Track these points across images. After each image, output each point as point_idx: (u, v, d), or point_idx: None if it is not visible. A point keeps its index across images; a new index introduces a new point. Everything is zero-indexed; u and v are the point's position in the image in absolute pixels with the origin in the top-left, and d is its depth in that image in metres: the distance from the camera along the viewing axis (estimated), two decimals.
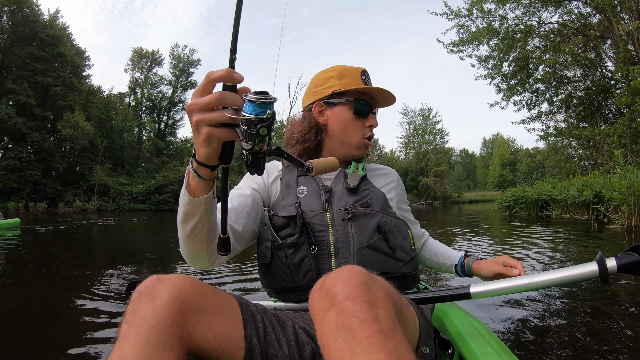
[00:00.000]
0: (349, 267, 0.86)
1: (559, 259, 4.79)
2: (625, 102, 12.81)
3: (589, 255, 4.93)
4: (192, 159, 0.96)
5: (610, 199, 7.67)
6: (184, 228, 1.11)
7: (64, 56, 40.43)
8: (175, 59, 54.47)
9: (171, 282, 0.91)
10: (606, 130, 13.91)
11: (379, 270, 1.26)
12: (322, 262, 1.30)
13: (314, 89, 1.57)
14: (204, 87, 0.84)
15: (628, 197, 6.96)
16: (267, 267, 1.37)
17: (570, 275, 1.07)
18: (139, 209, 37.51)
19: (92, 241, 9.04)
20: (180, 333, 0.86)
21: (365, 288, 0.80)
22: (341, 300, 0.77)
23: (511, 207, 14.95)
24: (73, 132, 37.95)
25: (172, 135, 55.83)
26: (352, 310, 0.75)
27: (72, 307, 3.09)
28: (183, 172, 32.46)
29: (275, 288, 1.38)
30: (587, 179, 10.65)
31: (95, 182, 38.60)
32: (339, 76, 1.51)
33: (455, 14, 17.02)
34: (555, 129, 18.93)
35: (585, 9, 17.29)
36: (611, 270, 1.03)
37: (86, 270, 4.79)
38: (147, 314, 0.84)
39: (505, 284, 1.14)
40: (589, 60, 18.15)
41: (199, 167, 0.96)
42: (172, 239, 8.27)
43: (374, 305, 0.77)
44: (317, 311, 0.82)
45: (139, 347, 0.79)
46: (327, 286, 0.82)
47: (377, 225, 1.34)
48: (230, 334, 0.97)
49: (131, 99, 53.28)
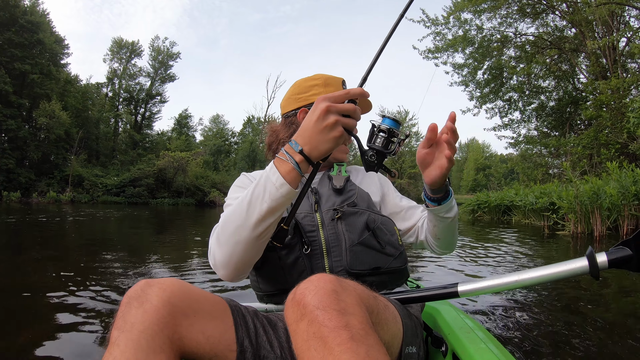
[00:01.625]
0: (317, 276, 0.87)
1: (489, 256, 5.14)
2: (591, 114, 13.21)
3: (519, 258, 5.22)
4: (291, 156, 1.05)
5: (560, 207, 7.99)
6: (258, 227, 1.08)
7: (43, 43, 39.39)
8: (155, 51, 53.65)
9: (161, 286, 0.92)
10: (572, 141, 14.31)
11: (371, 265, 1.33)
12: (315, 261, 1.32)
13: (297, 95, 1.60)
14: (342, 97, 1.04)
15: (575, 206, 7.27)
16: (259, 270, 1.37)
17: (560, 272, 1.04)
18: (113, 201, 36.89)
19: (67, 236, 8.82)
20: (172, 337, 0.88)
21: (335, 296, 0.81)
22: (311, 310, 0.79)
23: (475, 211, 15.44)
24: (49, 122, 37.13)
25: (148, 127, 54.90)
26: (322, 320, 0.76)
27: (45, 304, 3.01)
28: (158, 166, 31.52)
29: (269, 290, 1.38)
30: (545, 187, 11.07)
31: (70, 172, 37.95)
32: (324, 84, 1.57)
33: (432, 22, 17.29)
34: (524, 137, 19.40)
35: (562, 22, 17.75)
36: (602, 266, 1.00)
37: (61, 266, 4.68)
38: (137, 318, 0.85)
39: (493, 282, 1.12)
40: (562, 72, 18.64)
41: (302, 162, 1.05)
42: (147, 233, 8.21)
43: (344, 313, 0.78)
44: (291, 322, 0.83)
45: (129, 352, 0.80)
46: (298, 297, 0.83)
47: (366, 222, 1.39)
48: (222, 336, 0.98)
49: (109, 90, 52.22)
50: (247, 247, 1.11)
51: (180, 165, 39.86)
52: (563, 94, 19.21)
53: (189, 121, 58.14)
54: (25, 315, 2.79)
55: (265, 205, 1.06)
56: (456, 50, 17.69)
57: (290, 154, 1.06)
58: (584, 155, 13.22)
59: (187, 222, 14.15)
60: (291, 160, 1.05)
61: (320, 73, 1.63)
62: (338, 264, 1.31)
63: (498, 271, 4.37)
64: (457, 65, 18.59)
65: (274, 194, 1.05)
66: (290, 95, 1.63)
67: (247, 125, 59.00)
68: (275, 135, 1.63)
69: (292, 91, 1.64)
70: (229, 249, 1.12)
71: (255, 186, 1.08)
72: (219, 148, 53.89)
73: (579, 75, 18.54)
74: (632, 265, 0.98)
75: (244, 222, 1.08)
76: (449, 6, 17.07)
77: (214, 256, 1.17)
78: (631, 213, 6.85)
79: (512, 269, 4.52)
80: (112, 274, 4.23)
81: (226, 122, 64.04)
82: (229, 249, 1.12)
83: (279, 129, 1.63)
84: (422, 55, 17.93)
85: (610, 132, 12.01)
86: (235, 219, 1.10)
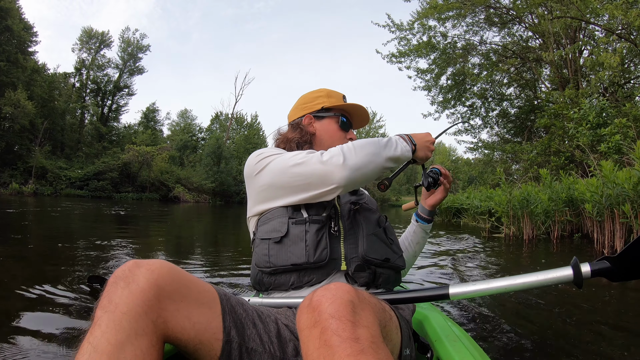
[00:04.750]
0: (336, 285, 0.88)
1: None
2: (545, 123, 13.53)
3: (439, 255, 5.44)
4: (408, 143, 1.51)
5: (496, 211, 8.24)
6: (386, 162, 1.41)
7: (11, 30, 38.06)
8: (125, 43, 52.76)
9: (149, 267, 0.91)
10: (526, 148, 14.65)
11: (383, 256, 1.44)
12: (334, 243, 1.38)
13: (302, 105, 1.79)
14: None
15: (508, 210, 7.50)
16: (276, 243, 1.37)
17: (546, 279, 1.08)
18: (76, 194, 36.11)
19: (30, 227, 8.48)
20: (156, 320, 0.88)
21: (351, 307, 0.82)
22: (326, 318, 0.79)
23: None
24: (13, 111, 36.17)
25: (115, 120, 54.00)
26: (335, 329, 0.77)
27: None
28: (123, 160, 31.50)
29: (279, 265, 1.35)
30: (491, 192, 11.35)
31: (34, 164, 36.99)
32: (327, 96, 1.78)
33: (397, 27, 17.44)
34: (482, 142, 19.79)
35: (527, 33, 18.13)
36: (585, 275, 1.04)
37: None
38: (122, 299, 0.85)
39: (483, 286, 1.15)
40: (525, 81, 19.06)
41: (410, 152, 1.51)
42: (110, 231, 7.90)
43: (358, 325, 0.79)
44: (303, 328, 0.84)
45: (110, 333, 0.81)
46: (314, 303, 0.84)
47: (377, 220, 1.55)
48: (208, 324, 0.98)
49: (76, 80, 50.96)
50: (376, 168, 1.38)
51: (145, 159, 39.46)
52: (524, 102, 19.65)
53: (156, 115, 57.34)
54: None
55: (397, 152, 1.43)
56: (420, 55, 17.89)
57: (409, 141, 1.51)
58: (536, 161, 13.54)
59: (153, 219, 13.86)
60: (410, 145, 1.50)
61: (323, 87, 1.84)
62: (353, 250, 1.40)
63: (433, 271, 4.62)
64: (420, 70, 18.83)
65: (403, 150, 1.46)
66: (297, 106, 1.82)
67: (215, 122, 58.63)
68: (284, 136, 1.74)
69: (298, 103, 1.83)
70: (366, 161, 1.35)
71: (388, 140, 1.45)
72: (185, 143, 53.33)
73: (541, 85, 18.99)
74: (612, 275, 1.05)
75: (380, 152, 1.39)
76: (417, 11, 17.27)
77: (347, 158, 1.33)
78: (561, 219, 7.10)
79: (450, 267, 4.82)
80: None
81: (194, 117, 63.37)
82: (365, 161, 1.35)
83: (287, 132, 1.76)
84: (386, 60, 18.09)
85: (561, 141, 12.34)
86: (374, 147, 1.38)
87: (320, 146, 1.70)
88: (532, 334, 2.40)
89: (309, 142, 1.70)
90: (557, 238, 7.06)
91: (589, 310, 2.95)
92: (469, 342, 1.32)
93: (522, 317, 2.79)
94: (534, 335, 2.38)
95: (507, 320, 2.67)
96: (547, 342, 2.29)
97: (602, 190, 5.71)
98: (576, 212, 7.10)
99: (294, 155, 1.39)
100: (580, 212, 6.90)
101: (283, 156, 1.42)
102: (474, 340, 1.38)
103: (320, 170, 1.32)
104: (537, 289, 3.32)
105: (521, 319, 2.74)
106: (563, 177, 7.53)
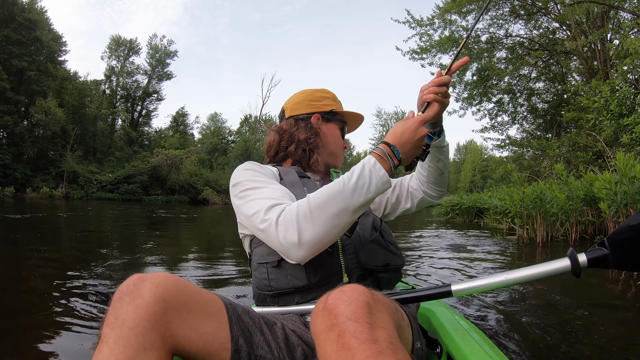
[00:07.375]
0: (351, 287, 0.87)
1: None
2: (572, 117, 12.98)
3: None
4: (392, 159, 1.21)
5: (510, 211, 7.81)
6: (357, 212, 1.16)
7: (40, 41, 39.66)
8: (153, 49, 54.17)
9: (154, 281, 0.90)
10: (554, 144, 14.06)
11: (382, 262, 1.39)
12: (334, 259, 1.32)
13: (310, 102, 1.69)
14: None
15: (521, 210, 7.06)
16: (274, 267, 1.33)
17: (545, 271, 1.08)
18: (106, 197, 37.14)
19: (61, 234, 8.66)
20: (163, 334, 0.86)
21: (367, 309, 0.81)
22: (343, 321, 0.79)
23: (448, 213, 15.39)
24: (45, 118, 37.45)
25: (145, 125, 55.55)
26: (352, 331, 0.76)
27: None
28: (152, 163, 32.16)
29: (281, 289, 1.31)
30: (512, 190, 10.74)
31: (65, 169, 38.14)
32: (334, 99, 1.73)
33: (417, 23, 17.08)
34: (509, 139, 19.12)
35: (554, 24, 17.48)
36: (582, 265, 1.05)
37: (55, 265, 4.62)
38: (128, 315, 0.83)
39: (484, 282, 1.15)
40: (554, 74, 18.37)
41: (396, 166, 1.23)
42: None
43: (375, 326, 0.78)
44: (319, 331, 0.83)
45: (118, 350, 0.79)
46: (330, 306, 0.83)
47: (372, 223, 1.48)
48: (216, 334, 0.97)
49: (106, 87, 52.64)
50: (342, 230, 1.16)
51: (173, 162, 40.09)
52: (553, 96, 18.94)
53: (185, 119, 58.59)
54: (21, 315, 2.75)
55: (370, 195, 1.15)
56: (441, 50, 17.44)
57: (392, 158, 1.21)
58: (563, 157, 13.00)
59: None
60: (392, 163, 1.20)
61: (325, 88, 1.78)
62: (353, 261, 1.34)
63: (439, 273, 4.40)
64: (443, 66, 18.36)
65: (379, 187, 1.16)
66: (302, 100, 1.71)
67: (244, 124, 59.24)
68: (290, 135, 1.65)
69: (304, 97, 1.71)
70: (326, 229, 1.12)
71: (359, 176, 1.15)
72: (215, 146, 54.12)
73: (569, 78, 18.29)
74: (609, 263, 1.05)
75: (347, 206, 1.13)
76: (436, 5, 16.90)
77: (301, 234, 1.12)
78: (581, 220, 6.63)
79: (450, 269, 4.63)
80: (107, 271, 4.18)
81: (224, 120, 64.39)
82: (325, 230, 1.12)
83: (294, 130, 1.65)
84: (408, 56, 17.74)
85: (587, 135, 11.75)
86: (338, 202, 1.13)
87: (324, 150, 1.65)
88: (541, 328, 2.38)
89: (316, 146, 1.63)
90: (575, 240, 6.57)
91: (600, 303, 2.95)
92: (478, 335, 1.31)
93: (530, 311, 2.76)
94: (543, 329, 2.36)
95: (514, 314, 2.64)
96: (556, 335, 2.27)
97: (618, 186, 5.28)
98: (598, 211, 6.55)
99: (256, 213, 1.24)
100: (601, 212, 6.43)
101: (252, 203, 1.29)
102: (483, 333, 1.36)
103: (279, 247, 1.18)
104: (539, 281, 3.34)
105: (530, 313, 2.73)
106: (583, 173, 7.06)
